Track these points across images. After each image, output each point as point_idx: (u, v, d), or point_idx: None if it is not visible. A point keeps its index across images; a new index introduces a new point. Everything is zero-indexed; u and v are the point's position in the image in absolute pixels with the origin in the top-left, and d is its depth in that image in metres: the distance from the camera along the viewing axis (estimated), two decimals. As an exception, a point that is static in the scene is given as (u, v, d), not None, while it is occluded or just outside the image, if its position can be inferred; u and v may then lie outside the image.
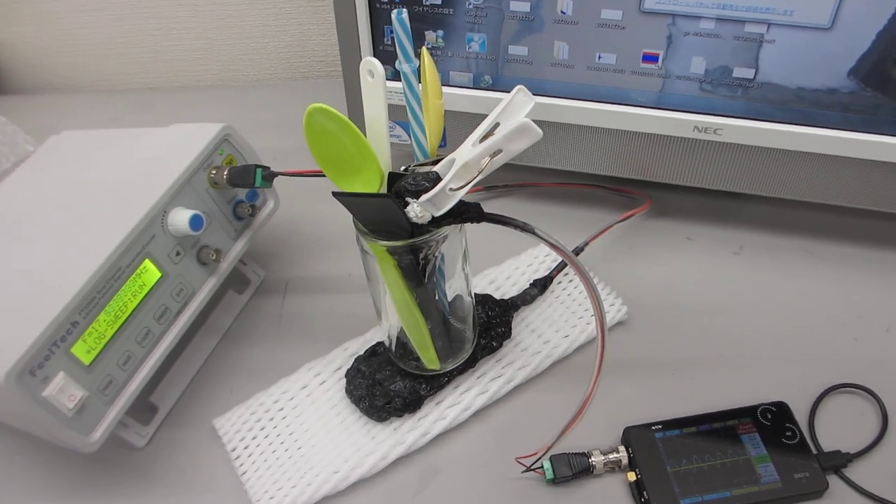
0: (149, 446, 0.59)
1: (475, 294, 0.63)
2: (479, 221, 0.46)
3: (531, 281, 0.65)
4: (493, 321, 0.61)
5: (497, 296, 0.64)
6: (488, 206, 0.47)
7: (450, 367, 0.58)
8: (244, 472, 0.56)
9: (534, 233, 0.45)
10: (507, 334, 0.61)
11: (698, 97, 0.62)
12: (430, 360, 0.57)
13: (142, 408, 0.60)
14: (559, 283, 0.66)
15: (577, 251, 0.66)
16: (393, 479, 0.56)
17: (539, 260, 0.68)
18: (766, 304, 0.65)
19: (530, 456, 0.53)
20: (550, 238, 0.46)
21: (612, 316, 0.63)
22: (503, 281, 0.66)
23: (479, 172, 0.44)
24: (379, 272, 0.51)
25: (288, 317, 0.68)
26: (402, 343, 0.58)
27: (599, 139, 0.67)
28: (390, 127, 0.50)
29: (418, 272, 0.50)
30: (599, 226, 0.69)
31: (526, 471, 0.53)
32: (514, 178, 0.77)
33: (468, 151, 0.44)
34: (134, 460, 0.58)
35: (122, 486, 0.57)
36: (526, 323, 0.63)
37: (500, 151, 0.43)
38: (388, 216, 0.46)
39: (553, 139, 0.68)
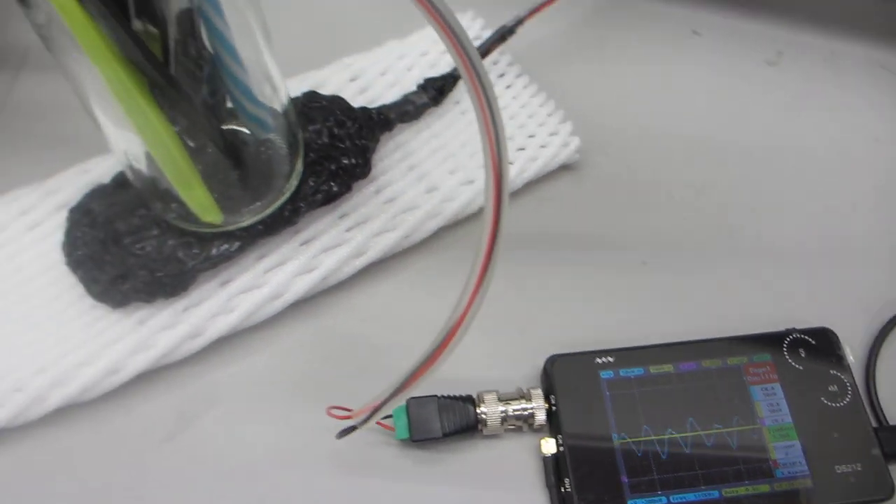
0: None
1: (317, 95, 0.35)
2: None
3: (421, 81, 0.37)
4: (340, 146, 0.34)
5: (361, 102, 0.36)
6: None
7: (246, 220, 0.32)
8: None
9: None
10: (361, 170, 0.34)
11: None
12: (200, 206, 0.30)
13: None
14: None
15: (503, 34, 0.38)
16: (132, 408, 0.32)
17: (442, 46, 0.39)
18: (813, 151, 0.39)
19: (347, 415, 0.27)
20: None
21: (552, 153, 0.37)
22: (375, 77, 0.38)
23: None
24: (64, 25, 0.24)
25: (18, 107, 0.40)
26: (153, 175, 0.31)
27: None
28: None
29: (125, 19, 0.23)
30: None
31: (341, 435, 0.28)
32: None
33: None
34: None
35: None
36: (402, 154, 0.36)
37: None
38: None
39: None
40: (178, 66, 0.25)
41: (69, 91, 0.41)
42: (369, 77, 0.38)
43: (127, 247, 0.32)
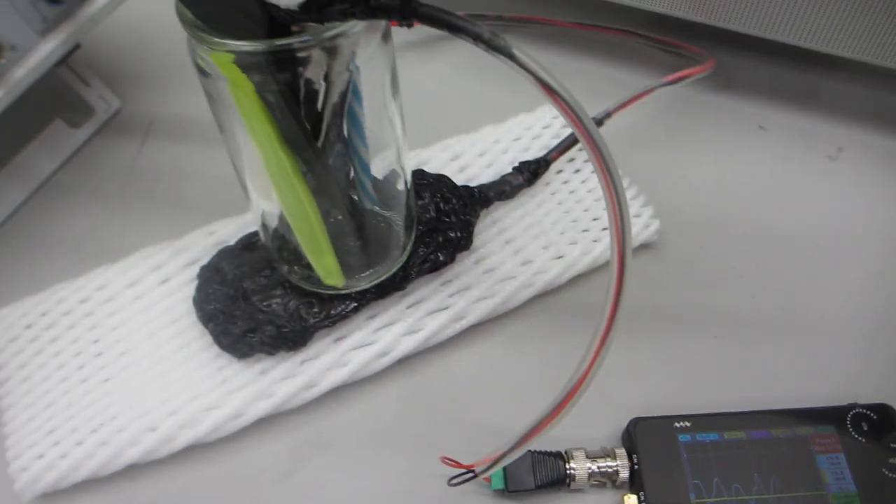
0: None
1: (424, 173, 0.40)
2: (405, 20, 0.23)
3: (516, 163, 0.41)
4: (446, 220, 0.38)
5: (460, 180, 0.40)
6: (469, 48, 0.23)
7: (362, 284, 0.36)
8: (9, 408, 0.35)
9: (507, 53, 0.21)
10: (464, 243, 0.38)
11: None
12: (326, 270, 0.34)
13: None
14: (559, 171, 0.42)
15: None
16: (249, 449, 0.35)
17: (533, 132, 0.44)
18: (871, 239, 0.42)
19: (459, 466, 0.31)
20: (538, 68, 0.22)
21: (635, 231, 0.40)
22: (473, 158, 0.43)
23: None
24: (236, 112, 0.28)
25: (145, 171, 0.45)
26: (284, 238, 0.35)
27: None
28: None
29: (299, 114, 0.27)
30: (632, 92, 0.44)
31: (455, 482, 0.31)
32: (513, 8, 0.52)
33: None
34: None
35: None
36: (499, 229, 0.40)
37: None
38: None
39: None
40: (322, 138, 0.29)
41: (189, 158, 0.46)
42: (468, 158, 0.42)
43: (255, 304, 0.35)
